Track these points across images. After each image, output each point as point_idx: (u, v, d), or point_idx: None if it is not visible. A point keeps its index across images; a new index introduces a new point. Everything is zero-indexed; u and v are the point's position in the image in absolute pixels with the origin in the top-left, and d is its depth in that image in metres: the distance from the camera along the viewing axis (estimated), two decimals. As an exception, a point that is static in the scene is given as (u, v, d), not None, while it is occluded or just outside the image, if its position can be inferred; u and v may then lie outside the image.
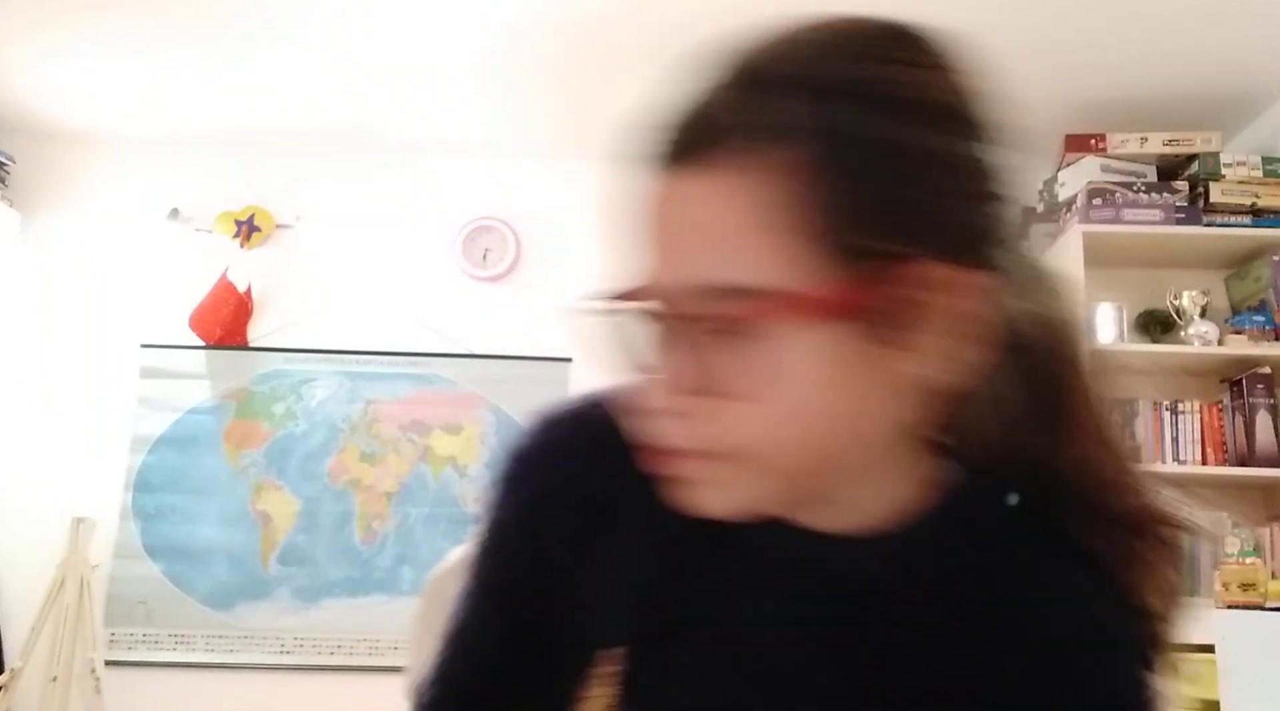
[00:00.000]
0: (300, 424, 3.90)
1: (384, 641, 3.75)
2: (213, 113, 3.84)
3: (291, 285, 4.04)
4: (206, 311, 3.91)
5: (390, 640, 3.75)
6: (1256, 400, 3.36)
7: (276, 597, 3.78)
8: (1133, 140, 3.54)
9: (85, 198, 4.10)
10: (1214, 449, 3.40)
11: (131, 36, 3.34)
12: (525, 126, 3.88)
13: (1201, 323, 3.47)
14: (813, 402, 0.58)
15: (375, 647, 3.75)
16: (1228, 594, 2.73)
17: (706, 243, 0.58)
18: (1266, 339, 3.42)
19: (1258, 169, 3.44)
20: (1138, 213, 3.45)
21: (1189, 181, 3.50)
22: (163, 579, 3.78)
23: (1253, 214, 3.44)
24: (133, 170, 4.12)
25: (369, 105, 3.75)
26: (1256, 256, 3.53)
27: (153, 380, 3.93)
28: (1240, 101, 3.51)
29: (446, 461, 3.89)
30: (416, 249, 4.08)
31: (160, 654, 3.73)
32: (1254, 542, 3.24)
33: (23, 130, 4.06)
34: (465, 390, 3.94)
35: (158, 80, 3.62)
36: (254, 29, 3.26)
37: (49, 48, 3.44)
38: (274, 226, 4.06)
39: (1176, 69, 3.33)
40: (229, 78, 3.56)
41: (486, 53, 3.36)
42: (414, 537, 3.83)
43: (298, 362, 3.95)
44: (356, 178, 4.14)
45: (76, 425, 3.91)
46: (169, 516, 3.83)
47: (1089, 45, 3.21)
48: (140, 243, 4.06)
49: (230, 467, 3.87)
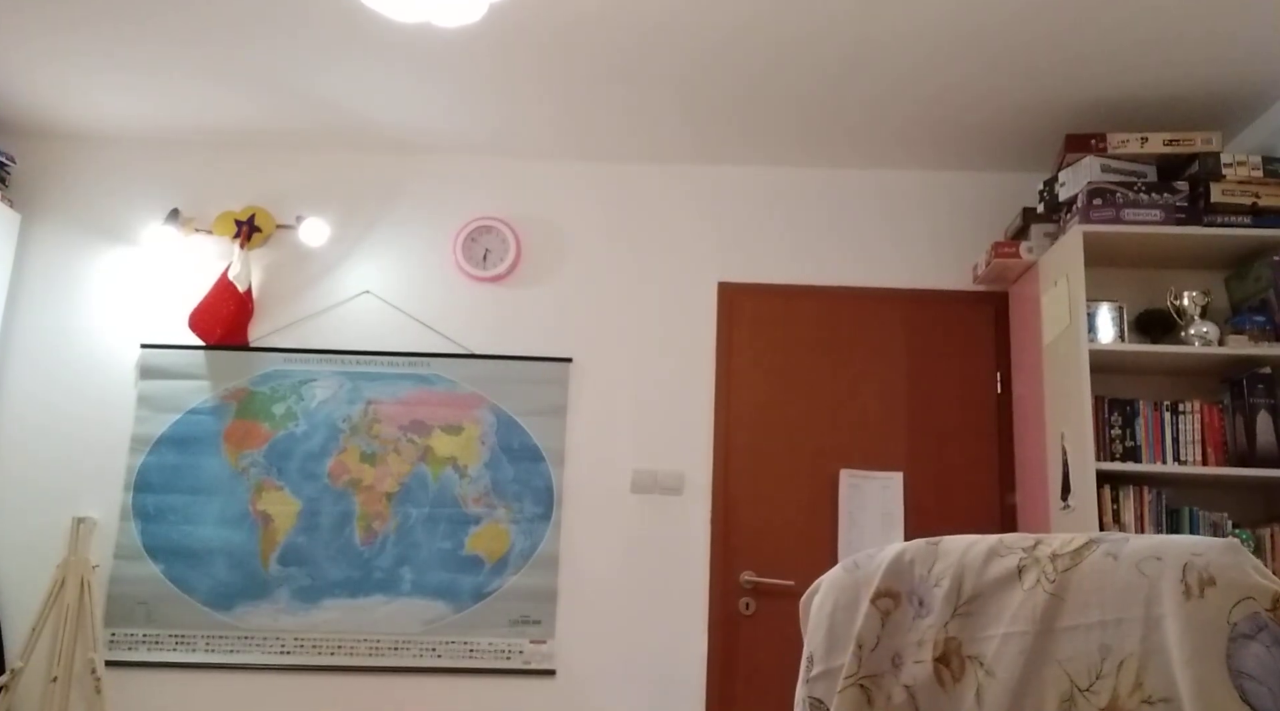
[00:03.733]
0: (300, 424, 3.90)
1: (384, 641, 3.75)
2: (213, 113, 3.85)
3: (291, 285, 4.04)
4: (206, 311, 3.91)
5: (390, 640, 3.75)
6: (1256, 400, 3.36)
7: (276, 598, 3.78)
8: (1133, 140, 3.54)
9: (85, 198, 4.10)
10: (1214, 449, 3.40)
11: (132, 37, 3.34)
12: (525, 127, 3.88)
13: (1201, 323, 3.46)
14: None
15: (375, 648, 3.75)
16: (1228, 594, 2.73)
17: None
18: (1266, 339, 3.42)
19: (1258, 169, 3.44)
20: (1138, 213, 3.45)
21: (1189, 181, 3.50)
22: (163, 579, 3.78)
23: (1253, 214, 3.44)
24: (133, 170, 4.12)
25: (369, 105, 3.75)
26: (1256, 256, 3.53)
27: (153, 380, 3.93)
28: (1240, 101, 3.51)
29: (446, 461, 3.89)
30: (416, 249, 4.08)
31: (160, 654, 3.73)
32: (1254, 542, 3.24)
33: (23, 130, 4.07)
34: (465, 390, 3.94)
35: (158, 80, 3.62)
36: (254, 29, 3.26)
37: (49, 49, 3.44)
38: (274, 226, 4.06)
39: (1176, 69, 3.33)
40: (229, 78, 3.56)
41: (486, 53, 3.36)
42: (414, 538, 3.83)
43: (298, 363, 3.95)
44: (356, 178, 4.14)
45: (76, 425, 3.91)
46: (169, 516, 3.83)
47: (1089, 45, 3.21)
48: (140, 242, 4.06)
49: (230, 468, 3.87)
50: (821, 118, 3.76)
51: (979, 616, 1.03)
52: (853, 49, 3.28)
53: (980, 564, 1.05)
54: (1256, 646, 0.80)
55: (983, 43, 3.22)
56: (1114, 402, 3.45)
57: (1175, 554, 0.87)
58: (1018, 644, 0.96)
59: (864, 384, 3.97)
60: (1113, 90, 3.47)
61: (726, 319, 4.03)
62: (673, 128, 3.87)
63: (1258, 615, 0.81)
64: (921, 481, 3.86)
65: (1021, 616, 0.98)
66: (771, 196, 4.14)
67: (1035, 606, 0.97)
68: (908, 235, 4.08)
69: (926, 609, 1.09)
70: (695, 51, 3.31)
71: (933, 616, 1.08)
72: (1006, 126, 3.75)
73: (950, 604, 1.06)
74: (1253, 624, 0.80)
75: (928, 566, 1.11)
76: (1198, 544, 0.87)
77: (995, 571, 1.03)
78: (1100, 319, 3.46)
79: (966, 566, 1.06)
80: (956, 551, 1.08)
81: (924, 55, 3.30)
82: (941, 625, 1.06)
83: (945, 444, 3.90)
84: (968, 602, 1.05)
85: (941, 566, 1.09)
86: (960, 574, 1.06)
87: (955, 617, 1.06)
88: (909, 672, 1.06)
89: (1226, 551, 0.85)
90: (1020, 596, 0.99)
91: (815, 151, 4.03)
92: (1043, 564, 0.99)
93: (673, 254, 4.08)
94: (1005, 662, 0.98)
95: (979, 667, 1.01)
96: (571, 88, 3.57)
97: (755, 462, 3.88)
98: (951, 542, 1.11)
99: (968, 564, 1.06)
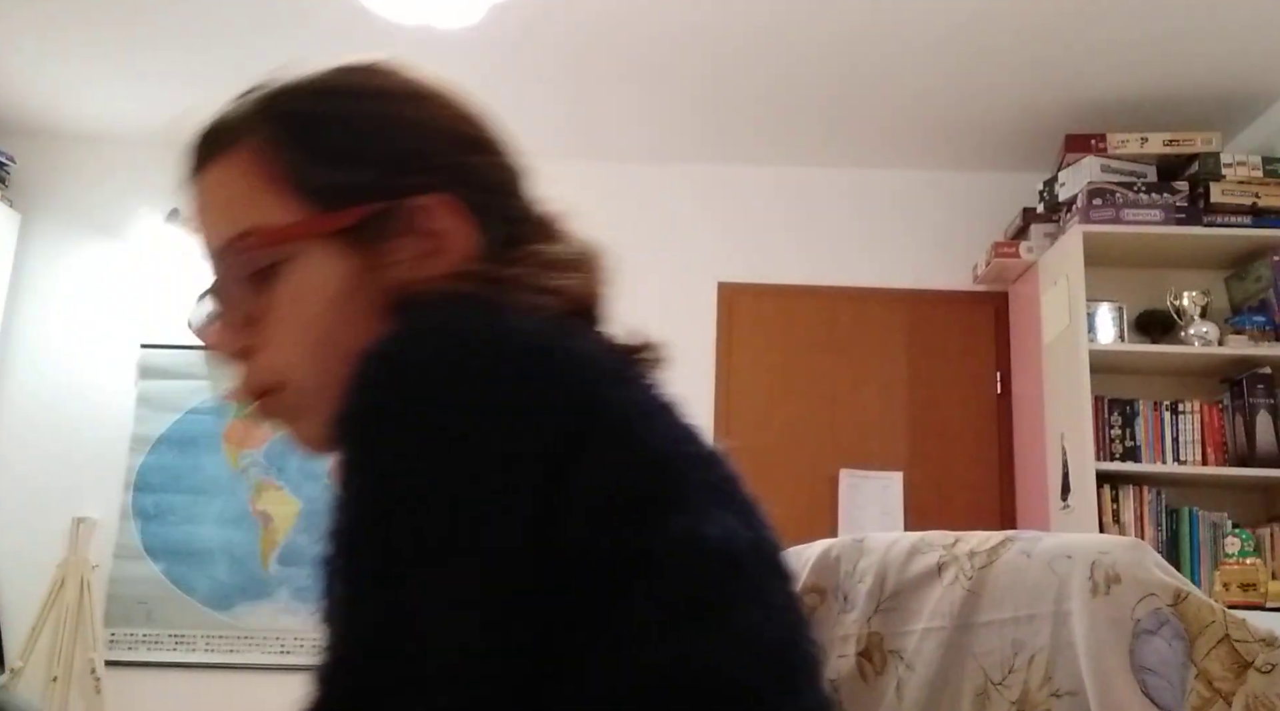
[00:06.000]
0: (300, 424, 3.90)
1: (384, 641, 3.75)
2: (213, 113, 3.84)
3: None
4: (206, 311, 3.90)
5: (390, 640, 3.75)
6: (1256, 400, 3.35)
7: (276, 597, 3.78)
8: (1133, 140, 3.53)
9: (85, 198, 4.10)
10: (1214, 449, 3.40)
11: (132, 38, 3.34)
12: (524, 127, 3.87)
13: (1201, 323, 3.46)
14: (314, 310, 0.74)
15: (375, 647, 3.75)
16: (1228, 594, 2.73)
17: (220, 211, 0.77)
18: (1266, 339, 3.42)
19: (1258, 169, 3.43)
20: (1138, 213, 3.45)
21: (1189, 181, 3.50)
22: (163, 579, 3.78)
23: (1253, 214, 3.44)
24: (133, 170, 4.12)
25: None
26: (1256, 256, 3.53)
27: (153, 380, 3.93)
28: (1240, 101, 3.51)
29: (446, 461, 3.88)
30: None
31: (160, 654, 3.73)
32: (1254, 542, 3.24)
33: (23, 130, 4.07)
34: (465, 390, 3.93)
35: (158, 80, 3.62)
36: (254, 29, 3.27)
37: (49, 48, 3.44)
38: (274, 226, 4.05)
39: (1176, 69, 3.33)
40: (229, 78, 3.55)
41: (486, 53, 3.36)
42: (414, 537, 3.82)
43: (298, 363, 3.95)
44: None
45: (77, 425, 3.91)
46: (169, 516, 3.83)
47: (1089, 46, 3.21)
48: (140, 243, 4.06)
49: (230, 467, 3.87)
50: (821, 118, 3.76)
51: (900, 612, 1.05)
52: (852, 50, 3.29)
53: (902, 561, 1.07)
54: (1158, 641, 0.82)
55: (982, 43, 3.22)
56: (1114, 402, 3.45)
57: (1084, 552, 0.90)
58: (936, 638, 0.98)
59: (864, 384, 3.97)
60: (1113, 90, 3.47)
61: (726, 318, 4.03)
62: (674, 127, 3.87)
63: (1160, 611, 0.83)
64: (921, 481, 3.85)
65: (940, 612, 1.00)
66: (771, 196, 4.14)
67: (953, 602, 0.99)
68: (908, 235, 4.08)
69: (850, 604, 1.11)
70: (697, 52, 3.31)
71: (856, 612, 1.10)
72: (1006, 126, 3.75)
73: (873, 599, 1.09)
74: (1155, 619, 0.83)
75: (853, 562, 1.13)
76: (1105, 542, 0.90)
77: (916, 568, 1.05)
78: (1100, 319, 3.46)
79: (889, 563, 1.08)
80: (880, 548, 1.10)
81: (924, 55, 3.30)
82: (865, 620, 1.08)
83: (945, 444, 3.90)
84: (890, 598, 1.07)
85: (866, 562, 1.11)
86: (883, 570, 1.08)
87: (878, 613, 1.08)
88: (833, 667, 1.09)
89: (1131, 549, 0.88)
90: (940, 592, 1.01)
91: (815, 151, 4.03)
92: (961, 561, 1.01)
93: (672, 253, 4.08)
94: (924, 657, 1.00)
95: (900, 661, 1.03)
96: (570, 87, 3.57)
97: (755, 461, 3.86)
98: (876, 539, 1.13)
99: (890, 560, 1.08)
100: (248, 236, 0.74)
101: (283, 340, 0.74)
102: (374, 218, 0.75)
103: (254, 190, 0.76)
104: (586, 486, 0.63)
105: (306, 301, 0.74)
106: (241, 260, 0.75)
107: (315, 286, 0.74)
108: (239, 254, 0.75)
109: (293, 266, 0.74)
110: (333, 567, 0.64)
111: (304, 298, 0.74)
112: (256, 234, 0.74)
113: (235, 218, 0.76)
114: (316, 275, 0.74)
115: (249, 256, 0.74)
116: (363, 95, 0.80)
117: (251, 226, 0.74)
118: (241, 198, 0.76)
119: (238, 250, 0.75)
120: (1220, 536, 3.26)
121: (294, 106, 0.79)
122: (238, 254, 0.75)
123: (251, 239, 0.74)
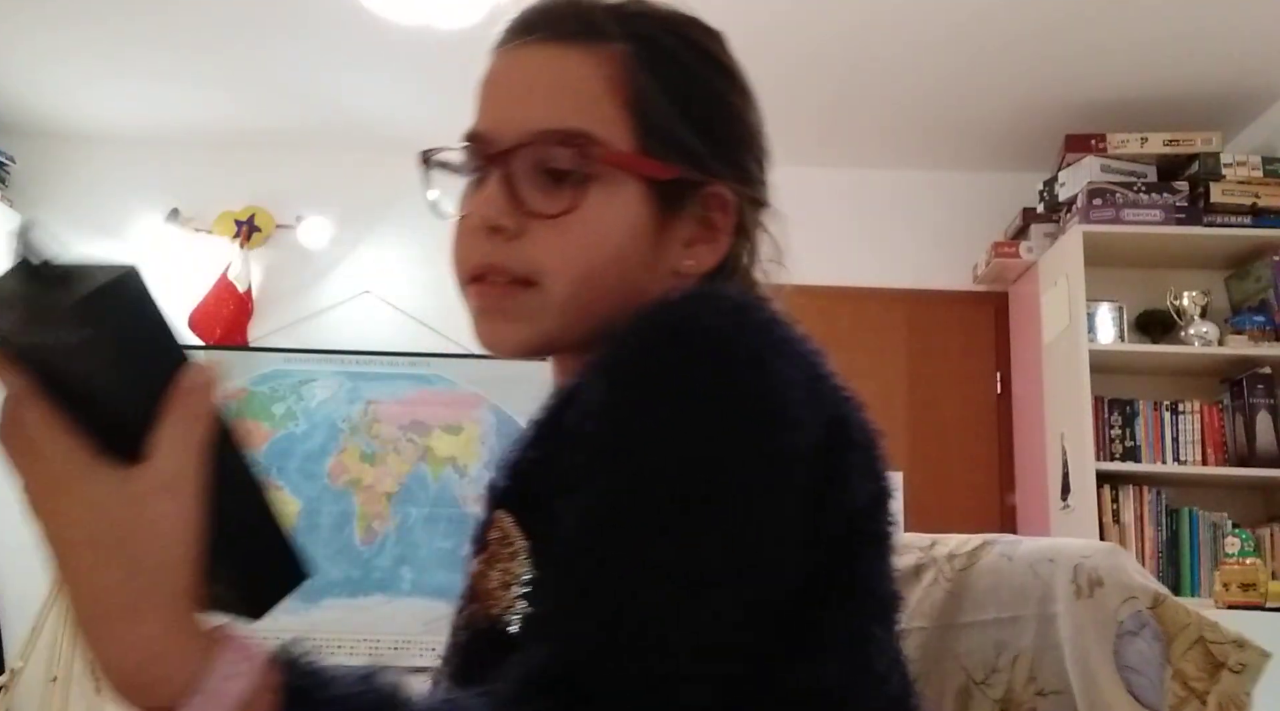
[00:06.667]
0: (300, 424, 3.90)
1: (384, 641, 3.75)
2: (213, 113, 3.84)
3: (291, 285, 4.04)
4: (206, 311, 3.91)
5: (390, 640, 3.75)
6: (1256, 400, 3.35)
7: (276, 597, 3.77)
8: (1133, 140, 3.53)
9: (85, 198, 4.10)
10: (1214, 449, 3.40)
11: (132, 38, 3.34)
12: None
13: (1201, 323, 3.46)
14: (605, 241, 0.73)
15: (375, 647, 3.75)
16: (1228, 594, 2.73)
17: (550, 94, 0.74)
18: (1266, 339, 3.42)
19: (1258, 169, 3.43)
20: (1138, 213, 3.45)
21: (1189, 181, 3.50)
22: (163, 579, 3.78)
23: (1253, 214, 3.44)
24: (133, 170, 4.12)
25: (369, 105, 3.75)
26: (1256, 256, 3.53)
27: (153, 380, 3.93)
28: (1240, 101, 3.51)
29: (446, 461, 3.89)
30: (416, 248, 4.08)
31: (160, 654, 3.73)
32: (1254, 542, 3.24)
33: (23, 130, 4.07)
34: (465, 390, 3.94)
35: (158, 80, 3.62)
36: (255, 30, 3.27)
37: (49, 48, 3.44)
38: (274, 226, 4.06)
39: (1176, 69, 3.33)
40: (229, 78, 3.56)
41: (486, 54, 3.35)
42: (414, 538, 3.83)
43: (298, 362, 3.95)
44: (356, 178, 4.14)
45: (76, 425, 3.91)
46: (169, 516, 3.82)
47: (1089, 46, 3.21)
48: (140, 243, 4.06)
49: (230, 467, 3.86)
50: (820, 118, 3.76)
51: None
52: (852, 50, 3.29)
53: None
54: (1140, 642, 0.86)
55: (982, 43, 3.22)
56: (1114, 402, 3.45)
57: (1066, 556, 0.93)
58: (916, 639, 1.00)
59: (864, 384, 3.90)
60: (1113, 90, 3.47)
61: (726, 319, 4.03)
62: (673, 128, 3.86)
63: (1140, 613, 0.87)
64: (921, 481, 3.85)
65: (920, 612, 1.02)
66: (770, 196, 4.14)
67: (934, 603, 1.01)
68: (907, 235, 4.08)
69: None
70: (695, 51, 3.31)
71: None
72: (1006, 126, 3.75)
73: None
74: (1136, 621, 0.87)
75: None
76: (1085, 547, 0.94)
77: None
78: (1100, 319, 3.46)
79: None
80: None
81: (924, 55, 3.30)
82: None
83: (945, 444, 3.90)
84: None
85: None
86: None
87: None
88: None
89: (1110, 554, 0.92)
90: (919, 593, 1.03)
91: (814, 152, 4.03)
92: (939, 563, 1.03)
93: (673, 254, 4.08)
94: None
95: None
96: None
97: (755, 462, 3.88)
98: None
99: None
100: (583, 138, 0.73)
101: (561, 247, 0.73)
102: (683, 185, 0.76)
103: (600, 96, 0.74)
104: (844, 493, 0.68)
105: (604, 227, 0.73)
106: (556, 154, 0.73)
107: (618, 218, 0.74)
108: (560, 147, 0.73)
109: (602, 188, 0.73)
110: (583, 517, 0.62)
111: (604, 223, 0.73)
112: (597, 144, 0.73)
113: (566, 111, 0.74)
114: (624, 208, 0.74)
115: (569, 156, 0.73)
116: (719, 67, 0.81)
117: (589, 131, 0.73)
118: (586, 96, 0.74)
119: (562, 143, 0.73)
120: (1220, 536, 3.26)
121: (668, 44, 0.78)
122: (558, 146, 0.73)
123: (590, 146, 0.73)
